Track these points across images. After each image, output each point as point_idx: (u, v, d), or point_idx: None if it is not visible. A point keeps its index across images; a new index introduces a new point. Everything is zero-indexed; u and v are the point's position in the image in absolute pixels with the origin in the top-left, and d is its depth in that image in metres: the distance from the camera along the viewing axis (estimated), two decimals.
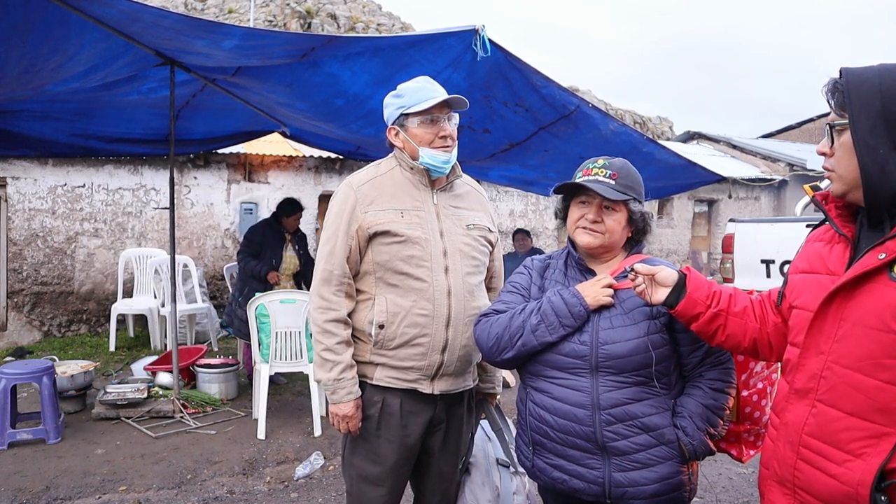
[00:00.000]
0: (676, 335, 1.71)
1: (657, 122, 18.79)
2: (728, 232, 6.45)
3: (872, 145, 1.17)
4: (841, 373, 1.21)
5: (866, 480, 1.14)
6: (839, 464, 1.19)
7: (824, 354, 1.24)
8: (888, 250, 1.17)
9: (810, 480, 1.24)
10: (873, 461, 1.14)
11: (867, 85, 1.19)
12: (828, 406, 1.23)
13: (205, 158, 7.88)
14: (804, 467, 1.26)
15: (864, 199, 1.22)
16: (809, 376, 1.27)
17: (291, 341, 4.50)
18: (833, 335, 1.23)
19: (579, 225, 1.78)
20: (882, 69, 1.21)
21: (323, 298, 2.01)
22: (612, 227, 1.76)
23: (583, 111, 4.22)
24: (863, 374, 1.18)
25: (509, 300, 1.87)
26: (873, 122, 1.17)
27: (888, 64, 1.22)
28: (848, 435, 1.19)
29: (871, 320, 1.17)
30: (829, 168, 1.29)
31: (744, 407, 1.80)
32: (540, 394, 1.77)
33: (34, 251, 7.14)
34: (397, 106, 2.06)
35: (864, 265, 1.20)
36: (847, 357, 1.20)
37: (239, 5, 16.25)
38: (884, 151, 1.16)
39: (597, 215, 1.76)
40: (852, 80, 1.21)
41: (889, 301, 1.15)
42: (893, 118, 1.16)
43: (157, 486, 3.60)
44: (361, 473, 2.09)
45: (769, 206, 13.73)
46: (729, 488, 3.79)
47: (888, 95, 1.16)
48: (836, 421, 1.21)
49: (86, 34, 3.24)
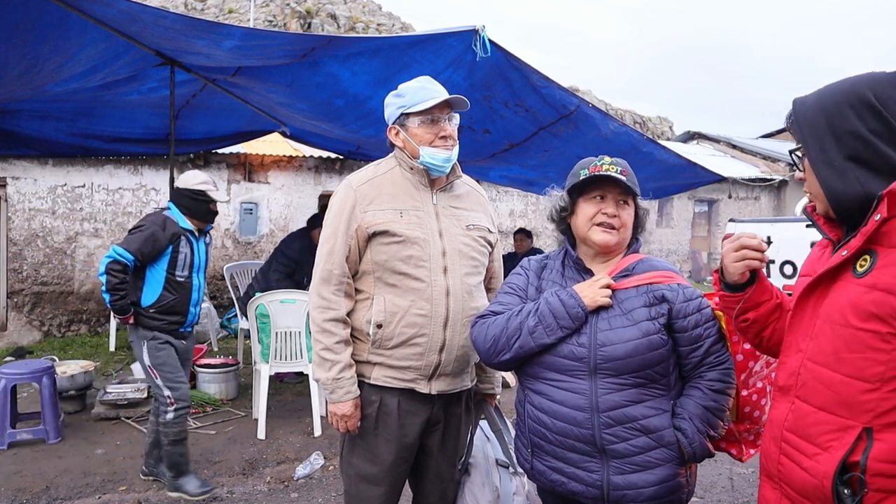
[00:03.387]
0: (675, 335, 1.70)
1: (657, 122, 18.80)
2: (728, 232, 6.45)
3: (826, 160, 1.25)
4: (812, 369, 1.26)
5: (829, 472, 1.18)
6: (810, 457, 1.23)
7: (802, 352, 1.29)
8: (850, 247, 1.22)
9: (790, 474, 1.28)
10: (837, 454, 1.18)
11: (811, 109, 1.29)
12: (802, 402, 1.27)
13: (205, 158, 7.88)
14: (785, 461, 1.30)
15: (833, 211, 1.28)
16: (789, 373, 1.31)
17: (291, 341, 4.50)
18: (809, 333, 1.28)
19: (596, 221, 1.76)
20: (821, 91, 1.31)
21: (322, 298, 2.01)
22: (626, 222, 1.77)
23: (583, 111, 4.22)
24: (829, 370, 1.22)
25: (506, 301, 1.85)
26: (822, 139, 1.26)
27: (829, 85, 1.32)
28: (818, 429, 1.23)
29: (836, 316, 1.22)
30: (807, 190, 1.37)
31: (743, 406, 1.80)
32: (538, 396, 1.76)
33: (34, 251, 7.14)
34: (398, 105, 2.06)
35: (830, 263, 1.26)
36: (819, 354, 1.25)
37: (239, 5, 16.25)
38: (838, 163, 1.23)
39: (616, 209, 1.75)
40: (799, 108, 1.33)
41: (850, 297, 1.20)
42: (839, 130, 1.24)
43: (158, 486, 3.60)
44: (359, 473, 2.09)
45: (769, 206, 13.73)
46: (729, 488, 3.79)
47: (829, 112, 1.26)
48: (809, 415, 1.25)
49: (86, 34, 3.25)
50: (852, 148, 1.22)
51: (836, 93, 1.27)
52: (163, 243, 3.44)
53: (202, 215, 3.59)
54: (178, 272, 3.52)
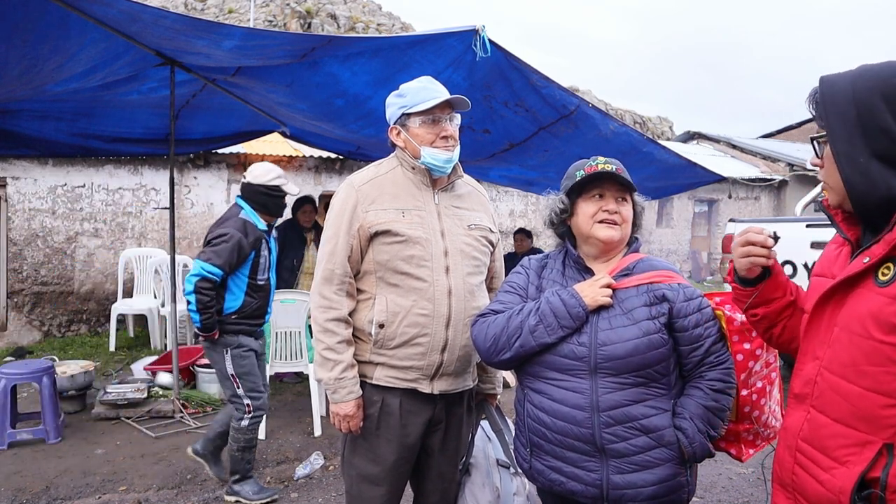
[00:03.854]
0: (676, 335, 1.70)
1: (657, 122, 18.80)
2: (728, 232, 6.45)
3: (851, 155, 1.16)
4: (829, 379, 1.21)
5: (846, 488, 1.14)
6: (826, 470, 1.20)
7: (819, 360, 1.24)
8: (872, 254, 1.16)
9: (804, 485, 1.25)
10: (855, 469, 1.14)
11: (841, 94, 1.17)
12: (818, 412, 1.23)
13: (205, 158, 7.88)
14: (800, 472, 1.26)
15: (852, 208, 1.21)
16: (805, 381, 1.27)
17: (291, 341, 4.51)
18: (826, 340, 1.23)
19: (598, 219, 1.77)
20: (856, 74, 1.18)
21: (324, 297, 2.01)
22: (627, 216, 1.78)
23: (583, 111, 4.22)
24: (847, 381, 1.17)
25: (507, 300, 1.85)
26: (849, 132, 1.15)
27: (863, 67, 1.20)
28: (834, 442, 1.19)
29: (856, 326, 1.16)
30: (823, 180, 1.28)
31: (743, 406, 1.80)
32: (538, 395, 1.76)
33: (34, 251, 7.14)
34: (399, 105, 2.06)
35: (851, 269, 1.20)
36: (835, 363, 1.20)
37: (239, 5, 16.25)
38: (864, 159, 1.14)
39: (617, 205, 1.77)
40: (827, 90, 1.20)
41: (871, 307, 1.14)
42: (869, 126, 1.13)
43: (158, 486, 3.60)
44: (361, 473, 2.09)
45: (769, 206, 13.73)
46: (729, 488, 3.79)
47: (862, 102, 1.14)
48: (825, 427, 1.21)
49: (86, 34, 3.24)
50: (881, 146, 1.13)
51: (872, 79, 1.16)
52: (247, 250, 3.33)
53: (276, 210, 3.50)
54: (260, 276, 3.44)
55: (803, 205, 6.62)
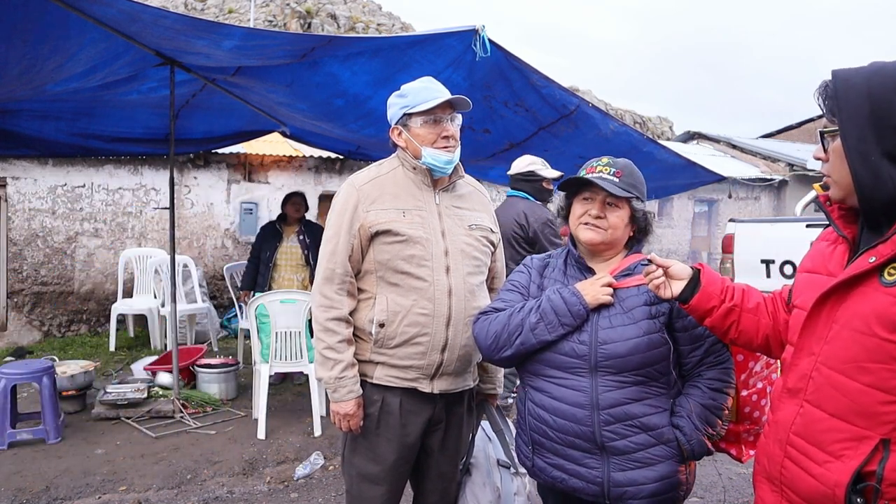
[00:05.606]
0: (676, 335, 1.71)
1: (657, 122, 18.80)
2: (728, 232, 6.45)
3: (863, 152, 1.15)
4: (827, 374, 1.21)
5: (842, 482, 1.15)
6: (820, 464, 1.20)
7: (815, 355, 1.25)
8: (879, 254, 1.16)
9: (794, 479, 1.26)
10: (851, 463, 1.15)
11: (855, 90, 1.16)
12: (813, 406, 1.24)
13: (205, 158, 7.88)
14: (790, 465, 1.27)
15: (859, 205, 1.21)
16: (800, 376, 1.28)
17: (291, 341, 4.50)
18: (824, 336, 1.23)
19: (582, 221, 1.78)
20: (871, 71, 1.17)
21: (325, 297, 2.02)
22: (614, 223, 1.76)
23: (583, 111, 4.23)
24: (846, 377, 1.18)
25: (508, 298, 1.86)
26: (862, 129, 1.14)
27: (878, 64, 1.19)
28: (830, 436, 1.20)
29: (858, 324, 1.17)
30: (826, 173, 1.28)
31: (743, 407, 1.80)
32: (539, 393, 1.77)
33: (34, 251, 7.14)
34: (400, 106, 2.06)
35: (855, 268, 1.20)
36: (834, 359, 1.21)
37: (239, 5, 16.25)
38: (875, 158, 1.13)
39: (600, 211, 1.76)
40: (840, 84, 1.18)
41: (875, 305, 1.15)
42: (882, 124, 1.13)
43: (157, 486, 3.60)
44: (361, 472, 2.09)
45: (769, 206, 13.73)
46: (729, 488, 3.79)
47: (876, 100, 1.13)
48: (820, 422, 1.22)
49: (86, 34, 3.24)
50: (893, 144, 1.13)
51: (889, 77, 1.14)
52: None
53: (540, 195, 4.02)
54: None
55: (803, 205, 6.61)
